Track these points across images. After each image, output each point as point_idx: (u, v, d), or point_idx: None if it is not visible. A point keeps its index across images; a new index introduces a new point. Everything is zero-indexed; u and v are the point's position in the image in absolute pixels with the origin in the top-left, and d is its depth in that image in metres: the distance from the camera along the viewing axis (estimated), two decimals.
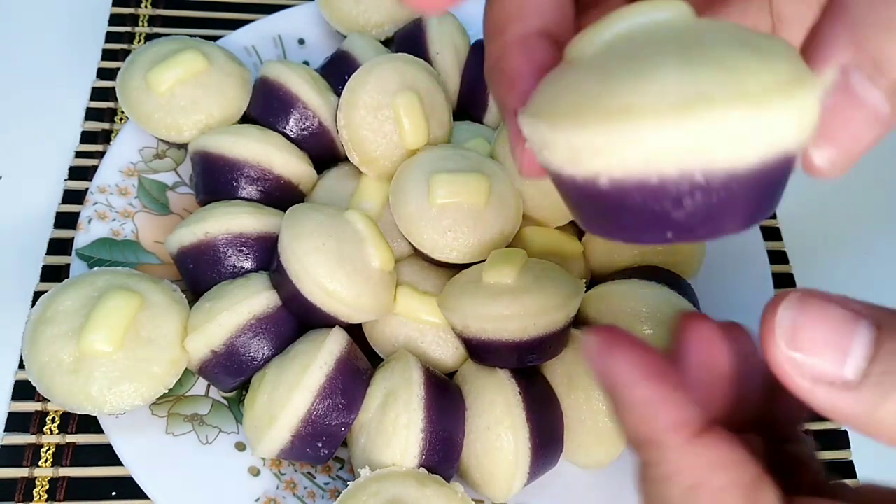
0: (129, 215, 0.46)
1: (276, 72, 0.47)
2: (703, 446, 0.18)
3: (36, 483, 0.41)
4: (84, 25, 0.57)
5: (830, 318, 0.17)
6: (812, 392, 0.17)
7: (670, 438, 0.18)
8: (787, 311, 0.17)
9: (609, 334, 0.19)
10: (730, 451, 0.18)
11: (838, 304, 0.17)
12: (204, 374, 0.40)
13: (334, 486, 0.40)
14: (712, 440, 0.18)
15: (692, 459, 0.18)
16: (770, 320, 0.17)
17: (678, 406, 0.18)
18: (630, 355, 0.19)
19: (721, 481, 0.18)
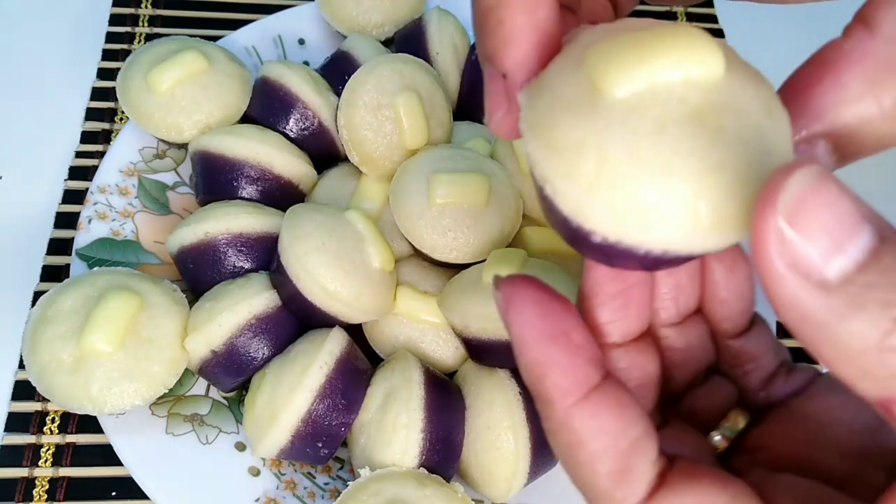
0: (129, 215, 0.46)
1: (276, 72, 0.47)
2: (587, 411, 0.19)
3: (36, 483, 0.41)
4: (84, 25, 0.57)
5: (841, 207, 0.15)
6: (782, 279, 0.15)
7: (556, 401, 0.19)
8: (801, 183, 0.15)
9: (514, 286, 0.20)
10: (613, 414, 0.19)
11: (851, 198, 0.15)
12: (204, 374, 0.40)
13: (334, 486, 0.40)
14: (597, 404, 0.19)
15: (574, 423, 0.19)
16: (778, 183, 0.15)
17: (567, 369, 0.19)
18: (530, 311, 0.19)
19: (597, 446, 0.19)
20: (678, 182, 0.16)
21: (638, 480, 0.19)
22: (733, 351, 0.25)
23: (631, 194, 0.16)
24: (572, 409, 0.19)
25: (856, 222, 0.15)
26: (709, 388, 0.25)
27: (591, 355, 0.19)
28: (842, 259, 0.15)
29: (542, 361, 0.19)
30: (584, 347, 0.19)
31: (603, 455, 0.19)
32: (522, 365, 0.20)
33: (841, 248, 0.15)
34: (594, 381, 0.19)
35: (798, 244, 0.15)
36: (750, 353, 0.24)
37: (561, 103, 0.17)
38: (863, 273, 0.15)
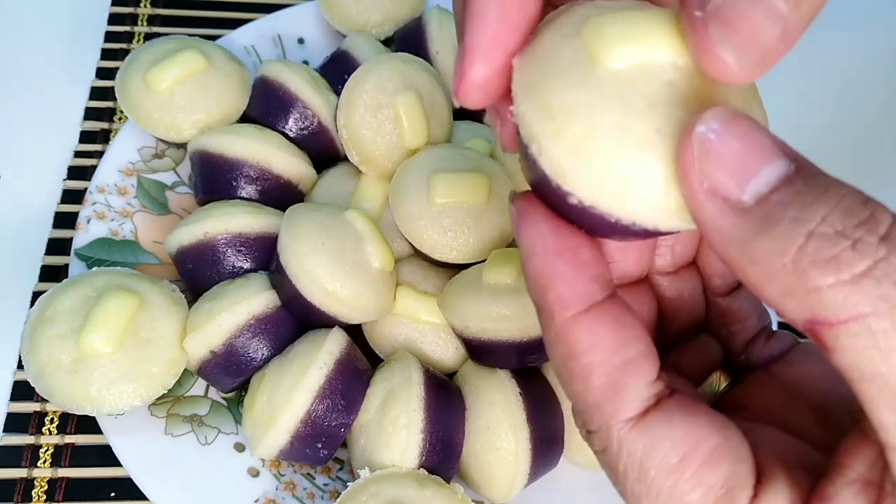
0: (128, 215, 0.45)
1: (275, 71, 0.47)
2: (585, 324, 0.19)
3: (35, 484, 0.41)
4: (83, 25, 0.57)
5: (753, 140, 0.16)
6: (702, 206, 0.16)
7: (557, 312, 0.19)
8: (714, 120, 0.16)
9: (528, 201, 0.20)
10: (610, 331, 0.19)
11: (767, 134, 0.16)
12: (203, 374, 0.40)
13: (334, 487, 0.40)
14: (596, 319, 0.19)
15: (571, 335, 0.19)
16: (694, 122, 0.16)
17: (570, 283, 0.19)
18: (541, 225, 0.19)
19: (592, 359, 0.19)
20: (656, 161, 0.17)
21: (630, 397, 0.19)
22: (722, 309, 0.25)
23: (612, 163, 0.17)
24: (570, 321, 0.19)
25: (771, 152, 0.16)
26: (696, 346, 0.25)
27: (596, 273, 0.20)
28: (756, 182, 0.16)
29: (547, 273, 0.19)
30: (590, 265, 0.20)
31: (597, 368, 0.19)
32: (528, 276, 0.20)
33: (755, 173, 0.16)
34: (597, 297, 0.19)
35: (715, 171, 0.16)
36: (737, 314, 0.25)
37: (556, 68, 0.18)
38: (775, 193, 0.15)
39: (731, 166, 0.16)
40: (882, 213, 0.15)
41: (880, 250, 0.14)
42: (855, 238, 0.15)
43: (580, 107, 0.17)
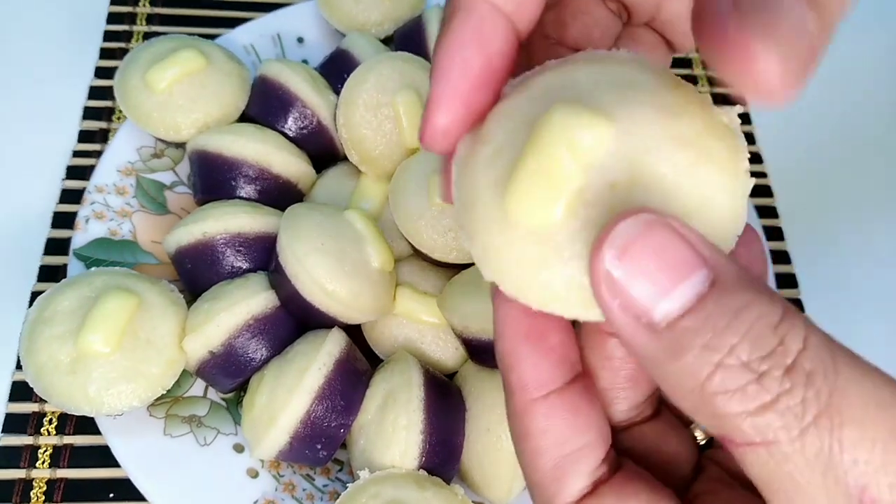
0: (127, 215, 0.45)
1: (274, 70, 0.46)
2: (541, 410, 0.20)
3: (33, 484, 0.41)
4: (82, 24, 0.57)
5: (670, 253, 0.16)
6: (617, 319, 0.16)
7: (516, 392, 0.20)
8: (629, 228, 0.16)
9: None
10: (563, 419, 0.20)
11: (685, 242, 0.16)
12: (202, 375, 0.40)
13: (333, 488, 0.39)
14: (552, 407, 0.20)
15: (527, 417, 0.20)
16: (608, 229, 0.16)
17: (533, 368, 0.20)
18: (513, 305, 0.20)
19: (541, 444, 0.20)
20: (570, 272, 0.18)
21: (570, 484, 0.20)
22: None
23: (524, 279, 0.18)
24: (528, 404, 0.20)
25: (685, 267, 0.16)
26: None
27: (561, 357, 0.20)
28: (666, 303, 0.16)
29: (512, 354, 0.20)
30: (556, 350, 0.20)
31: (545, 453, 0.20)
32: (497, 352, 0.21)
33: (666, 293, 0.16)
34: (557, 384, 0.20)
35: (626, 288, 0.16)
36: None
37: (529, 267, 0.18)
38: (686, 318, 0.15)
39: (643, 285, 0.16)
40: (792, 338, 0.15)
41: (784, 383, 0.15)
42: (761, 371, 0.15)
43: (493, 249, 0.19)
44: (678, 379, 0.16)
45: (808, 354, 0.15)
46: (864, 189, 0.57)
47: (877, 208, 0.57)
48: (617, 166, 0.17)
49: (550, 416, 0.20)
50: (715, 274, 0.16)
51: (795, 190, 0.56)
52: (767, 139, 0.58)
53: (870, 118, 0.60)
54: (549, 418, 0.20)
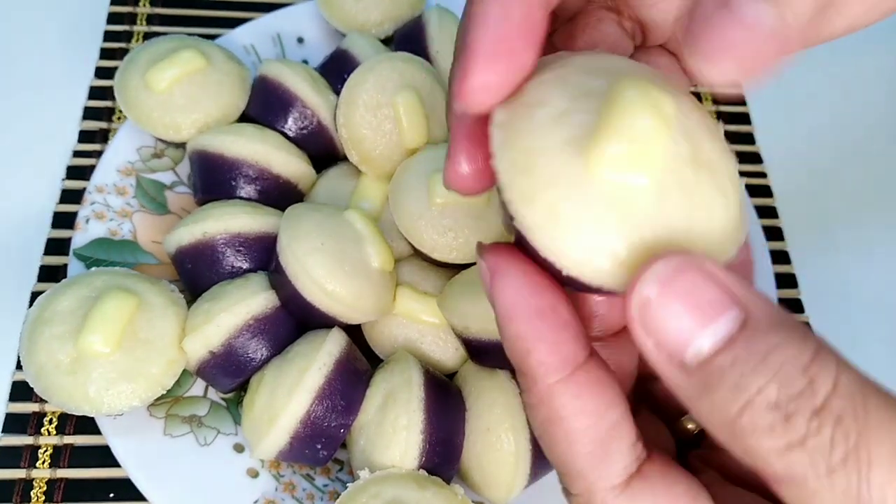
0: (127, 215, 0.45)
1: (274, 70, 0.46)
2: (570, 390, 0.19)
3: (34, 484, 0.41)
4: (82, 24, 0.57)
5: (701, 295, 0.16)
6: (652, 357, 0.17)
7: (539, 376, 0.19)
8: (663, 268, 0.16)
9: (499, 256, 0.19)
10: (594, 395, 0.19)
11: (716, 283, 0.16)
12: (202, 375, 0.40)
13: (333, 488, 0.39)
14: (580, 384, 0.19)
15: (556, 401, 0.19)
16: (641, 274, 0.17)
17: (553, 346, 0.19)
18: (518, 283, 0.19)
19: (578, 425, 0.19)
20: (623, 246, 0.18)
21: (615, 464, 0.19)
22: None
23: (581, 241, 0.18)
24: (555, 387, 0.19)
25: (716, 308, 0.16)
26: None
27: (577, 332, 0.19)
28: (698, 343, 0.16)
29: (529, 336, 0.19)
30: (571, 324, 0.19)
31: (583, 435, 0.19)
32: (506, 338, 0.20)
33: (697, 333, 0.16)
34: (579, 359, 0.19)
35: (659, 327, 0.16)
36: None
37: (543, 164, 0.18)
38: (717, 357, 0.16)
39: (675, 327, 0.16)
40: (823, 379, 0.15)
41: (813, 422, 0.15)
42: (789, 411, 0.15)
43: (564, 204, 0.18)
44: (710, 413, 0.16)
45: (839, 394, 0.15)
46: (865, 189, 0.57)
47: (877, 208, 0.57)
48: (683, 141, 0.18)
49: (581, 394, 0.19)
50: (746, 314, 0.16)
51: (795, 190, 0.56)
52: (767, 139, 0.58)
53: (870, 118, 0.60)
54: (581, 396, 0.19)
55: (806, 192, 0.56)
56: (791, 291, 0.52)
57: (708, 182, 0.18)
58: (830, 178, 0.58)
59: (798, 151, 0.58)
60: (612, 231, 0.17)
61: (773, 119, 0.58)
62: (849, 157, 0.59)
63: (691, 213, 0.18)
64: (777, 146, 0.58)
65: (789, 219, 0.55)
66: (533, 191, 0.18)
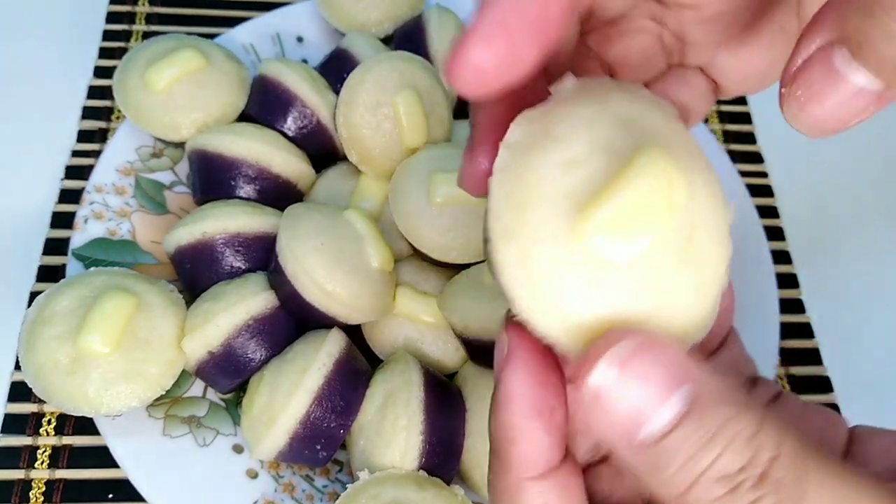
0: (126, 215, 0.45)
1: (274, 70, 0.46)
2: (536, 488, 0.19)
3: (32, 485, 0.41)
4: (81, 24, 0.57)
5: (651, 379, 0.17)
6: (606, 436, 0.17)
7: (514, 470, 0.20)
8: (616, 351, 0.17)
9: (520, 339, 0.20)
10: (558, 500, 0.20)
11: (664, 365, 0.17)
12: (201, 375, 0.40)
13: (333, 489, 0.39)
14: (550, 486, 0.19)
15: (522, 495, 0.20)
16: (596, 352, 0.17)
17: (537, 446, 0.19)
18: (526, 374, 0.19)
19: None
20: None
21: None
22: None
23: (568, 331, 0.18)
24: (526, 482, 0.19)
25: (665, 389, 0.17)
26: None
27: (562, 436, 0.20)
28: (649, 425, 0.17)
29: (518, 428, 0.19)
30: (560, 428, 0.20)
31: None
32: (496, 420, 0.20)
33: (648, 414, 0.17)
34: (555, 463, 0.20)
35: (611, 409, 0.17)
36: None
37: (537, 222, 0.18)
38: (668, 437, 0.16)
39: (626, 412, 0.17)
40: (766, 448, 0.16)
41: (757, 491, 0.16)
42: (735, 483, 0.16)
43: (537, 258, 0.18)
44: (661, 487, 0.17)
45: (781, 462, 0.16)
46: (865, 188, 0.57)
47: (878, 207, 0.57)
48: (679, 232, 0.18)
49: (546, 495, 0.19)
50: (695, 393, 0.17)
51: (796, 189, 0.56)
52: (767, 139, 0.58)
53: None
54: (545, 497, 0.19)
55: (806, 192, 0.56)
56: (792, 291, 0.51)
57: (688, 276, 0.18)
58: (831, 176, 0.57)
59: (798, 151, 0.58)
60: (573, 296, 0.18)
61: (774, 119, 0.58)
62: (849, 156, 0.59)
63: (660, 303, 0.18)
64: (777, 146, 0.58)
65: (789, 219, 0.55)
66: (515, 230, 0.18)
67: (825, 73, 0.18)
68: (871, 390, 0.49)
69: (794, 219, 0.55)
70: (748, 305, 0.47)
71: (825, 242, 0.55)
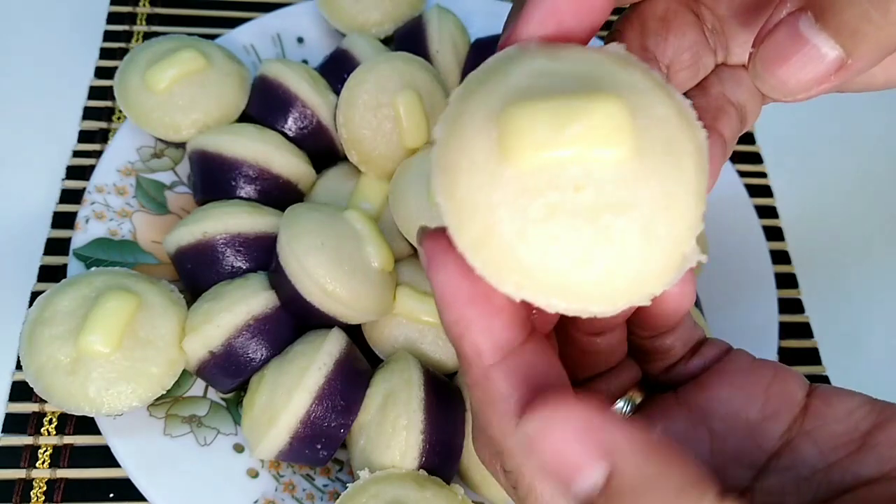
0: (127, 215, 0.45)
1: (274, 70, 0.46)
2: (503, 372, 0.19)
3: (33, 484, 0.41)
4: (82, 24, 0.57)
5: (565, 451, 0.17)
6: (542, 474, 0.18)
7: (473, 360, 0.20)
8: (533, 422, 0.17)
9: (437, 243, 0.20)
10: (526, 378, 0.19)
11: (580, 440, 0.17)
12: (202, 375, 0.40)
13: (333, 488, 0.39)
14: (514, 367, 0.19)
15: (489, 383, 0.20)
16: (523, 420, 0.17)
17: (484, 331, 0.19)
18: (451, 269, 0.19)
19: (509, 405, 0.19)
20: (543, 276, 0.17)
21: None
22: (646, 347, 0.26)
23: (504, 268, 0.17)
24: (490, 370, 0.19)
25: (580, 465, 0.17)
26: (615, 373, 0.26)
27: (511, 317, 0.20)
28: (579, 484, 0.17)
29: (461, 321, 0.19)
30: (505, 309, 0.20)
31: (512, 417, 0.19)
32: (444, 322, 0.20)
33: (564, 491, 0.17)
34: (513, 344, 0.20)
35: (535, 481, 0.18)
36: (659, 350, 0.25)
37: (468, 159, 0.18)
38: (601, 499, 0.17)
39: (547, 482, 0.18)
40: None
41: None
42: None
43: (481, 209, 0.17)
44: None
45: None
46: (864, 188, 0.57)
47: (877, 207, 0.57)
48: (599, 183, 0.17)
49: (511, 377, 0.19)
50: (612, 468, 0.17)
51: (795, 190, 0.56)
52: (767, 139, 0.58)
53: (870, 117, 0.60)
54: (510, 379, 0.19)
55: (806, 192, 0.56)
56: (791, 291, 0.52)
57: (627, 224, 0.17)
58: (830, 177, 0.58)
59: (798, 151, 0.58)
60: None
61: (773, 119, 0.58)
62: (849, 156, 0.59)
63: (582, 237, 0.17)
64: (777, 146, 0.58)
65: (789, 219, 0.55)
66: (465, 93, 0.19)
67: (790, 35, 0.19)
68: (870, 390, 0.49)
69: (794, 219, 0.55)
70: (748, 305, 0.47)
71: (824, 242, 0.55)
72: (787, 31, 0.19)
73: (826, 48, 0.19)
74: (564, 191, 0.17)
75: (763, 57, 0.19)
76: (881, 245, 0.55)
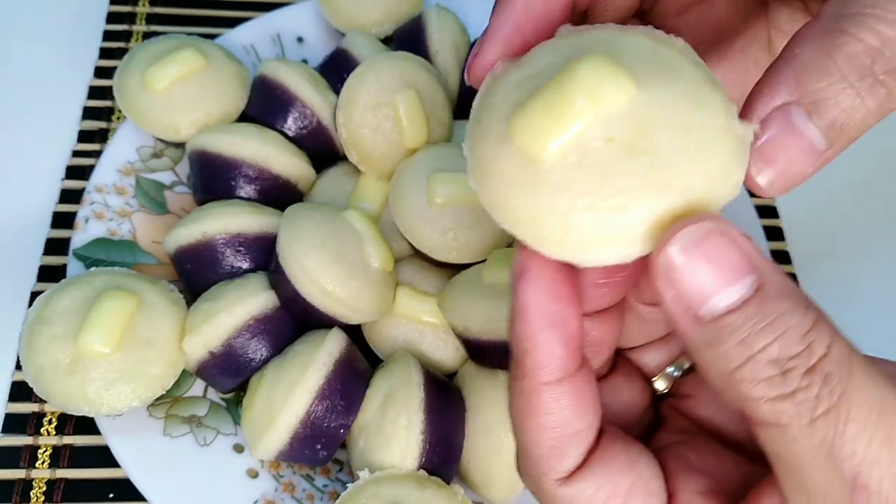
0: (127, 215, 0.45)
1: (274, 70, 0.46)
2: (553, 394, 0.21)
3: (33, 485, 0.41)
4: (81, 24, 0.57)
5: (720, 261, 0.18)
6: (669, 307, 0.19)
7: (530, 376, 0.21)
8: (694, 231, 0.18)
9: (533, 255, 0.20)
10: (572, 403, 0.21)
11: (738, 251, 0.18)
12: (202, 375, 0.40)
13: (333, 489, 0.39)
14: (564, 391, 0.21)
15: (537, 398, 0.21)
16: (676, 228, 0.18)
17: (553, 355, 0.20)
18: (541, 288, 0.20)
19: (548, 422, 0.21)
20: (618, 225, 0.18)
21: (567, 460, 0.21)
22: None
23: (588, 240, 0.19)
24: (542, 387, 0.21)
25: (735, 273, 0.18)
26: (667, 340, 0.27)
27: (577, 346, 0.21)
28: (714, 301, 0.18)
29: (534, 340, 0.20)
30: (575, 338, 0.21)
31: (550, 433, 0.21)
32: (513, 332, 0.21)
33: (715, 292, 0.18)
34: (570, 371, 0.21)
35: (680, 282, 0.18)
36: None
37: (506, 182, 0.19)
38: (729, 316, 0.18)
39: (693, 287, 0.18)
40: (818, 345, 0.18)
41: (804, 380, 0.17)
42: (786, 368, 0.18)
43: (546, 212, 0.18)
44: (712, 362, 0.18)
45: (830, 359, 0.18)
46: (864, 188, 0.57)
47: (877, 207, 0.57)
48: (623, 126, 0.18)
49: (561, 399, 0.21)
50: (761, 282, 0.18)
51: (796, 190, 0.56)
52: None
53: None
54: (560, 401, 0.21)
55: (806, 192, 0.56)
56: None
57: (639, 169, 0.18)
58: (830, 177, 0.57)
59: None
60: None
61: None
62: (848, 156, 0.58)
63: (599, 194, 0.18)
64: None
65: (789, 219, 0.55)
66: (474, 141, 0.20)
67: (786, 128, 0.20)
68: None
69: (794, 219, 0.55)
70: None
71: (825, 242, 0.55)
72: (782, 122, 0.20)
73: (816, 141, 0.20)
74: (601, 149, 0.18)
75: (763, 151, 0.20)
76: (881, 245, 0.55)
